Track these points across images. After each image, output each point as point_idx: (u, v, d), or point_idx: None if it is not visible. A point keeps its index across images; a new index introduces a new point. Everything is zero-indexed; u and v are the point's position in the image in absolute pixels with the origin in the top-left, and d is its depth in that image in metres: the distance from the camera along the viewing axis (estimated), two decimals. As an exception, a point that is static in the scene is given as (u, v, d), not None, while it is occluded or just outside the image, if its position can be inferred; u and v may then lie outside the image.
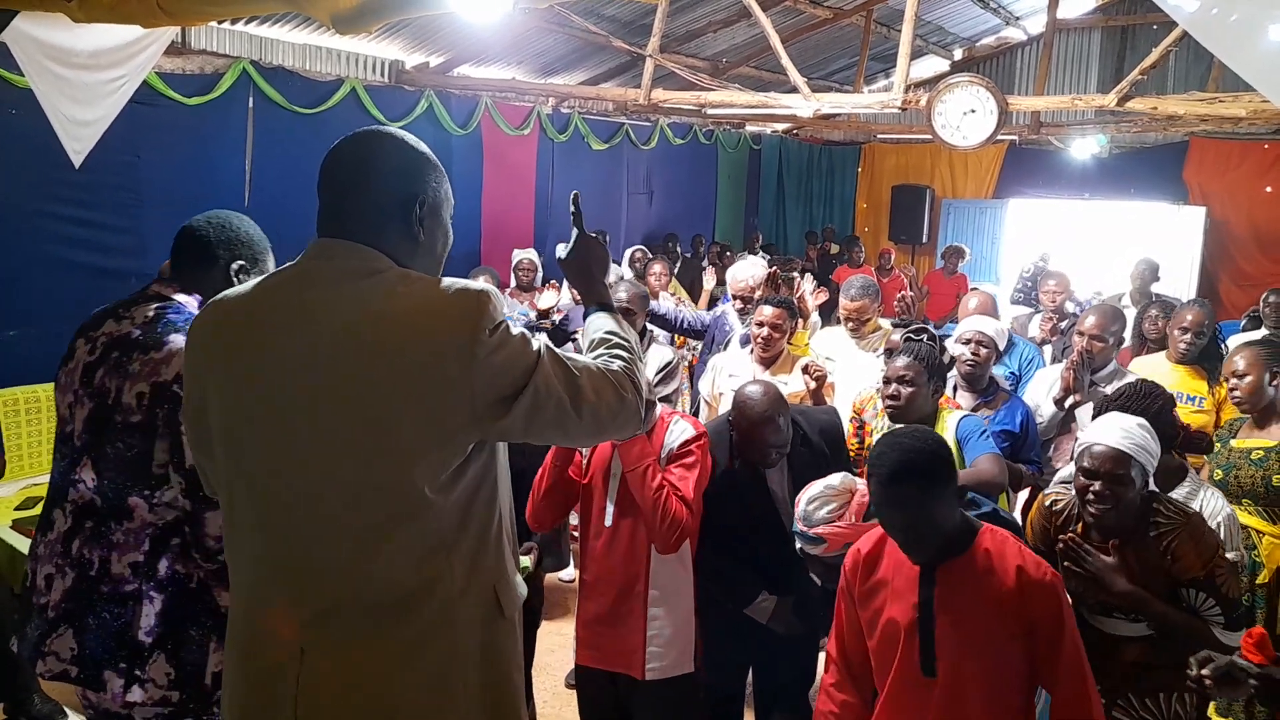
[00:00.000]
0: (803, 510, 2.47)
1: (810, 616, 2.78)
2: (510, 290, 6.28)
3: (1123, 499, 2.31)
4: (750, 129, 11.34)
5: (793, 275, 4.78)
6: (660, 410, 2.71)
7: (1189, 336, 3.93)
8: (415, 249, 1.53)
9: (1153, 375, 3.25)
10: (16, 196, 4.60)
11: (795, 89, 6.17)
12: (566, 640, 3.53)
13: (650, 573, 2.67)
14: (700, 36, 7.84)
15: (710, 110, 8.09)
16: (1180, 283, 9.37)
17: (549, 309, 5.01)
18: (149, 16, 2.31)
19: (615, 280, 4.76)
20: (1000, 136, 6.79)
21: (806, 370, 3.58)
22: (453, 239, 1.63)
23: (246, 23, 5.53)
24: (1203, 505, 2.71)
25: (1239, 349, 3.30)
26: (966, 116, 5.87)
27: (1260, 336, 4.20)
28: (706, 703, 2.88)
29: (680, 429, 2.68)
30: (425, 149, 1.56)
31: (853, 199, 13.18)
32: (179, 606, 1.95)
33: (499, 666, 1.55)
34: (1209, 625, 2.30)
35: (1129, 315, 4.60)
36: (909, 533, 2.05)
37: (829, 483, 2.48)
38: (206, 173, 5.49)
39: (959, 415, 3.11)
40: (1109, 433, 2.36)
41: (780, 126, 11.37)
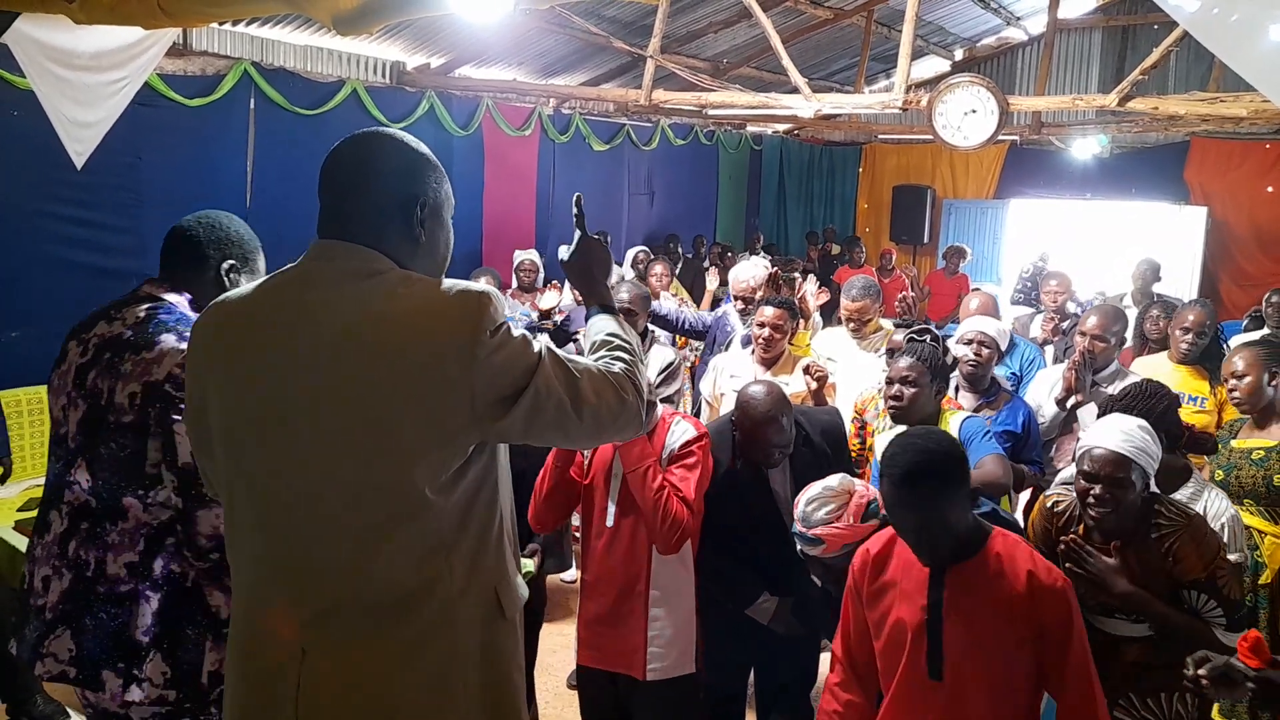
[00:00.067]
0: (802, 511, 2.47)
1: (811, 618, 2.78)
2: (512, 291, 6.28)
3: (1123, 502, 2.31)
4: (751, 129, 11.34)
5: (794, 276, 4.79)
6: (661, 411, 2.71)
7: (1190, 337, 3.93)
8: (416, 250, 1.53)
9: (1154, 375, 3.25)
10: (18, 197, 4.60)
11: (796, 89, 6.17)
12: (568, 641, 3.54)
13: (651, 573, 2.67)
14: (701, 37, 7.85)
15: (711, 111, 8.09)
16: (1182, 283, 9.37)
17: (550, 310, 5.01)
18: (150, 18, 2.32)
19: (616, 281, 4.76)
20: (1001, 137, 6.79)
21: (808, 371, 3.58)
22: (454, 240, 1.63)
23: (247, 24, 5.54)
24: (1206, 506, 2.70)
25: (1238, 349, 3.30)
26: (967, 117, 5.87)
27: (1259, 336, 4.20)
28: (707, 703, 2.88)
29: (681, 430, 2.68)
30: (425, 150, 1.56)
31: (854, 199, 13.17)
32: (175, 606, 1.95)
33: (499, 667, 1.55)
34: (1210, 626, 2.30)
35: (1130, 315, 4.60)
36: (921, 534, 2.04)
37: (827, 484, 2.48)
38: (208, 174, 5.49)
39: (962, 416, 3.10)
40: (1109, 436, 2.35)
41: (781, 127, 11.38)
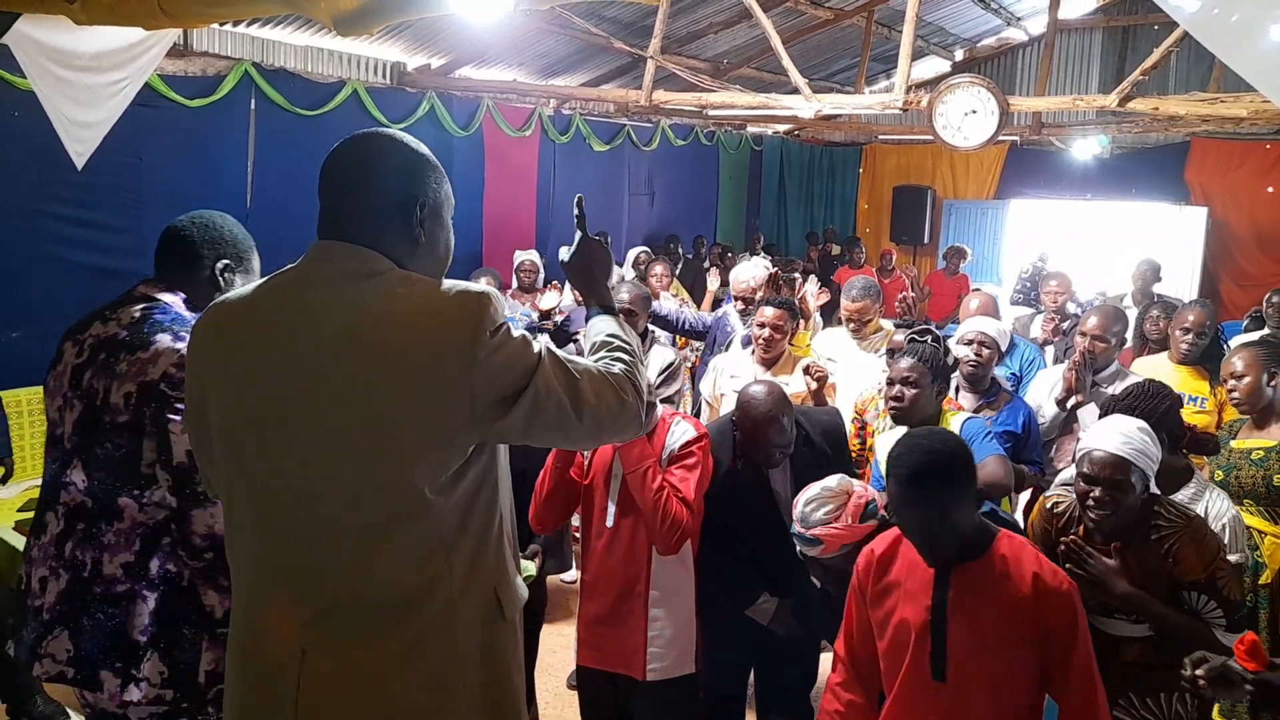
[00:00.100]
0: (800, 512, 2.47)
1: (811, 619, 2.78)
2: (512, 291, 6.28)
3: (1122, 504, 2.31)
4: (751, 130, 11.34)
5: (794, 276, 4.78)
6: (661, 411, 2.71)
7: (1190, 337, 3.93)
8: (416, 250, 1.53)
9: (1154, 376, 3.24)
10: (18, 197, 4.60)
11: (796, 90, 6.17)
12: (568, 641, 3.54)
13: (651, 573, 2.67)
14: (701, 38, 7.85)
15: (711, 111, 8.08)
16: (1182, 283, 9.37)
17: (551, 310, 5.01)
18: (150, 18, 2.32)
19: (616, 282, 4.76)
20: (1001, 137, 6.78)
21: (807, 371, 3.58)
22: (454, 240, 1.63)
23: (248, 25, 5.54)
24: (1208, 506, 2.70)
25: (1237, 350, 3.30)
26: (968, 117, 5.87)
27: (1258, 337, 4.19)
28: (707, 703, 2.88)
29: (681, 430, 2.68)
30: (425, 150, 1.57)
31: (854, 200, 13.17)
32: (172, 605, 1.96)
33: (499, 667, 1.55)
34: (1210, 627, 2.30)
35: (1131, 316, 4.60)
36: (927, 535, 2.03)
37: (826, 484, 2.48)
38: (208, 174, 5.50)
39: (963, 417, 3.10)
40: (1108, 438, 2.35)
41: (781, 127, 11.38)
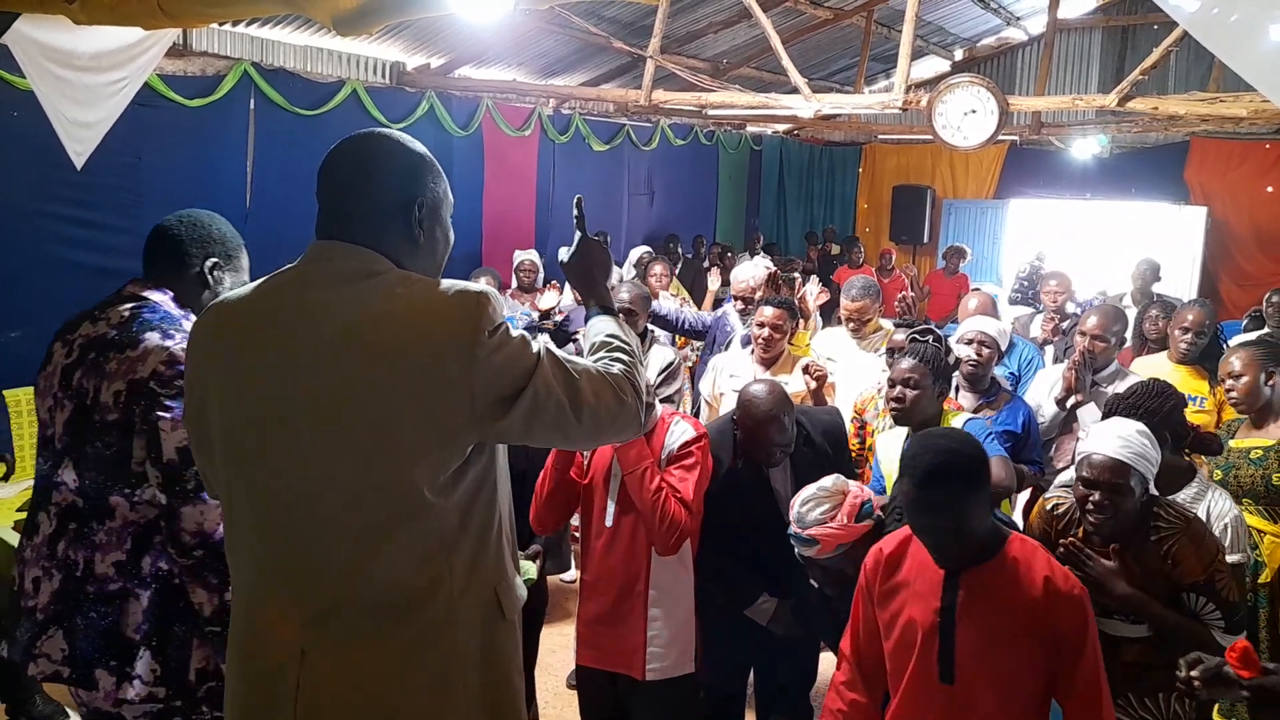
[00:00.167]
0: (796, 512, 2.47)
1: (810, 619, 2.78)
2: (511, 291, 6.28)
3: (1121, 508, 2.31)
4: (751, 129, 11.34)
5: (793, 276, 4.78)
6: (660, 411, 2.71)
7: (1189, 336, 3.93)
8: (415, 250, 1.53)
9: (1154, 375, 3.24)
10: (18, 197, 4.60)
11: (796, 90, 6.17)
12: (568, 641, 3.53)
13: (650, 573, 2.66)
14: (701, 37, 7.85)
15: (711, 111, 8.09)
16: (1181, 283, 9.38)
17: (550, 310, 5.01)
18: (150, 18, 2.32)
19: (616, 282, 4.76)
20: (1001, 137, 6.79)
21: (807, 370, 3.58)
22: (454, 239, 1.63)
23: (247, 24, 5.54)
24: (1210, 506, 2.69)
25: (1234, 349, 3.30)
26: (967, 117, 5.87)
27: (1256, 336, 4.19)
28: (706, 703, 2.88)
29: (680, 430, 2.68)
30: (423, 150, 1.57)
31: (854, 199, 13.18)
32: (165, 603, 1.96)
33: (499, 667, 1.55)
34: (1209, 629, 2.30)
35: (1130, 315, 4.60)
36: (940, 536, 2.01)
37: (822, 484, 2.48)
38: (208, 174, 5.48)
39: (964, 418, 3.10)
40: (1108, 442, 2.34)
41: (781, 127, 11.38)
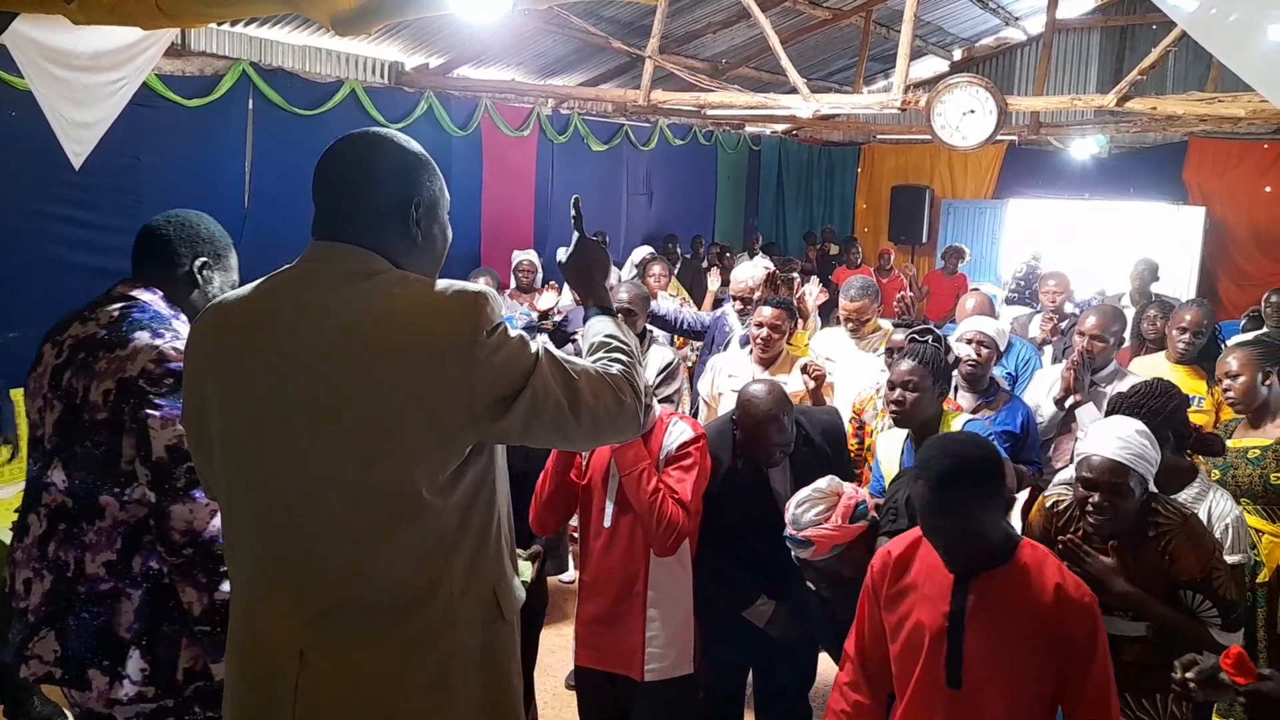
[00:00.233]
0: (791, 514, 2.46)
1: (807, 621, 2.78)
2: (510, 291, 6.28)
3: (1121, 509, 2.31)
4: (750, 130, 11.34)
5: (792, 276, 4.78)
6: (659, 411, 2.71)
7: (1187, 336, 3.93)
8: (413, 249, 1.53)
9: (1152, 375, 3.25)
10: (17, 198, 4.60)
11: (795, 90, 6.17)
12: (566, 641, 3.53)
13: (649, 573, 2.66)
14: (699, 37, 7.85)
15: (710, 111, 8.08)
16: (1180, 283, 9.38)
17: (549, 310, 5.02)
18: (148, 18, 2.31)
19: (615, 282, 4.76)
20: (1000, 137, 6.79)
21: (805, 370, 3.58)
22: (451, 237, 1.63)
23: (246, 24, 5.54)
24: (1211, 507, 2.69)
25: (1231, 349, 3.30)
26: (966, 117, 5.87)
27: (1253, 336, 4.19)
28: (705, 703, 2.88)
29: (679, 430, 2.68)
30: (419, 149, 1.57)
31: (852, 199, 13.19)
32: (156, 602, 1.96)
33: (499, 667, 1.55)
34: (1207, 626, 2.30)
35: (1128, 315, 4.60)
36: (954, 540, 1.99)
37: (816, 486, 2.48)
38: (206, 174, 5.48)
39: (964, 419, 3.10)
40: (1106, 443, 2.35)
41: (780, 127, 11.37)
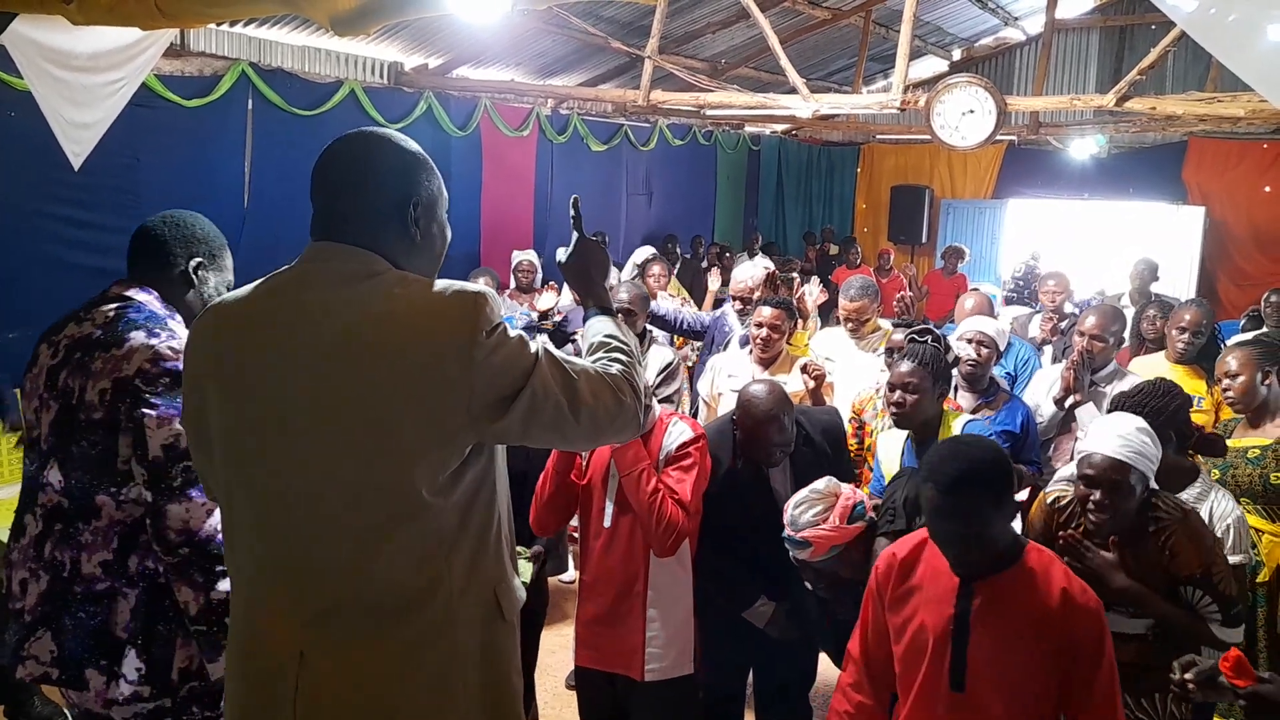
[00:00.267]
0: (790, 515, 2.47)
1: (806, 623, 2.78)
2: (510, 292, 6.27)
3: (1122, 507, 2.32)
4: (749, 130, 11.33)
5: (792, 276, 4.78)
6: (659, 411, 2.71)
7: (1187, 336, 3.93)
8: (412, 249, 1.53)
9: (1152, 375, 3.25)
10: (16, 198, 4.60)
11: (794, 90, 6.17)
12: (567, 641, 3.53)
13: (649, 573, 2.66)
14: (699, 38, 7.85)
15: (709, 111, 8.08)
16: (1179, 282, 9.38)
17: (549, 310, 5.02)
18: (148, 18, 2.31)
19: (615, 282, 4.76)
20: (999, 137, 6.79)
21: (805, 370, 3.58)
22: (450, 237, 1.63)
23: (245, 25, 5.54)
24: (1213, 507, 2.69)
25: (1231, 349, 3.30)
26: (965, 117, 5.87)
27: (1252, 336, 4.19)
28: (705, 703, 2.88)
29: (679, 431, 2.68)
30: (417, 148, 1.56)
31: (852, 199, 13.19)
32: (153, 602, 1.96)
33: (499, 667, 1.55)
34: (1207, 622, 2.30)
35: (1128, 315, 4.60)
36: (962, 543, 1.99)
37: (814, 487, 2.48)
38: (205, 175, 5.48)
39: (964, 419, 3.10)
40: (1107, 441, 2.35)
41: (779, 127, 11.37)
